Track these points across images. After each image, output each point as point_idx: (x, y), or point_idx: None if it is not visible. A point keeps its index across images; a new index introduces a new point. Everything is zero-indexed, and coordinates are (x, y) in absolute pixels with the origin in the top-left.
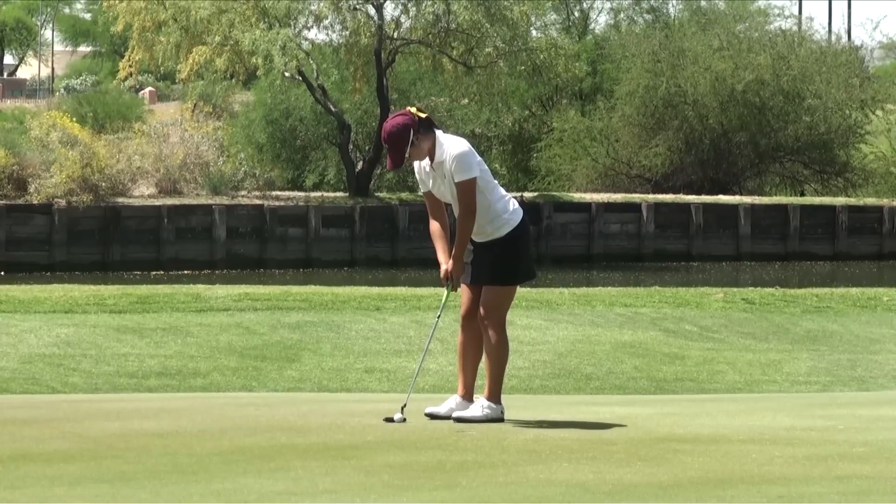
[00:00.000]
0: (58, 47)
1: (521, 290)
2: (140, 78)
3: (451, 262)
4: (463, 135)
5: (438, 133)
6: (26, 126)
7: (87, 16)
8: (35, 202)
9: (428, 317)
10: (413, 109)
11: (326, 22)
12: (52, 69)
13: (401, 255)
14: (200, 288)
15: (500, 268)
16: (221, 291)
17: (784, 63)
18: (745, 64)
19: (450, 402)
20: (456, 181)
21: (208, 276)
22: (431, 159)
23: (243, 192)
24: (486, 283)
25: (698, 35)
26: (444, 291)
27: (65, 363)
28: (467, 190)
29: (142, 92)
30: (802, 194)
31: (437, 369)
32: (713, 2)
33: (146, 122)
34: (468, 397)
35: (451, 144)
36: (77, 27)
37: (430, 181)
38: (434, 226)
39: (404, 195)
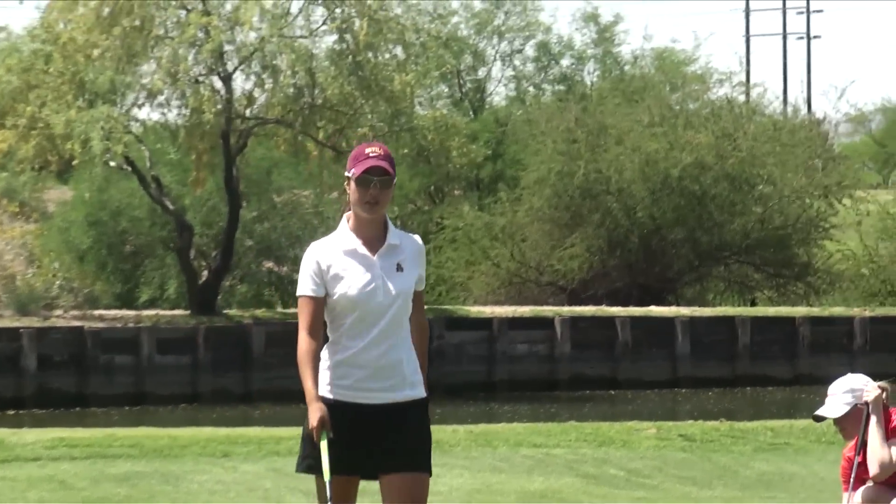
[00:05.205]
0: None
1: None
2: None
3: None
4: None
5: None
6: None
7: None
8: None
9: (289, 464)
10: None
11: (161, 98)
12: None
13: (255, 387)
14: (4, 432)
15: (428, 446)
16: (30, 436)
17: (730, 142)
18: (681, 143)
19: None
20: (418, 288)
21: (14, 416)
22: (380, 240)
23: (59, 312)
24: (414, 471)
25: (623, 107)
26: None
27: None
28: (422, 299)
29: None
30: (754, 304)
31: None
32: (639, 67)
33: None
34: None
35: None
36: None
37: (353, 274)
38: (309, 345)
39: (259, 312)
